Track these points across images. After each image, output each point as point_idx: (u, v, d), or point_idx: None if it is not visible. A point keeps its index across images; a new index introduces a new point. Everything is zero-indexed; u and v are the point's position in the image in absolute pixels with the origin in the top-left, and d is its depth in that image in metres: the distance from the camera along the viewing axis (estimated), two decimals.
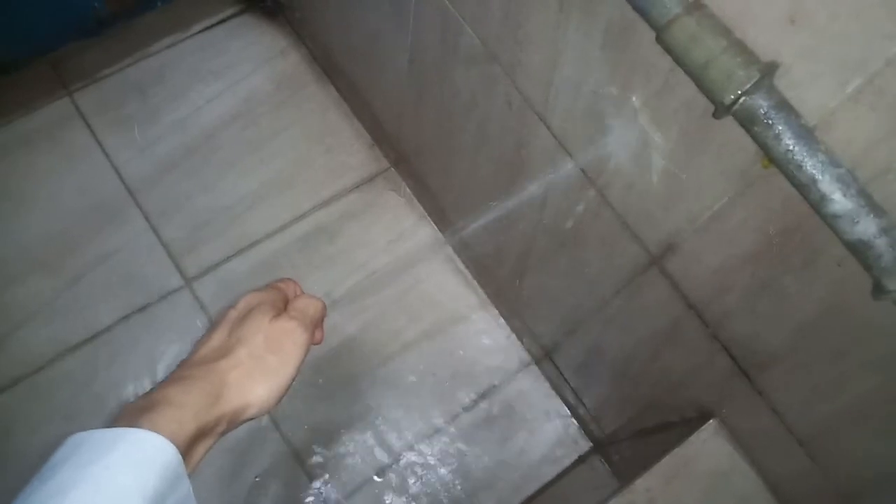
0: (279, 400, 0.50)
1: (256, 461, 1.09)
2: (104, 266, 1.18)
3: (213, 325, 0.52)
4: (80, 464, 0.38)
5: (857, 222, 0.45)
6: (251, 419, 0.49)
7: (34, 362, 1.12)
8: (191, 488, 0.42)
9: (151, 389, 0.46)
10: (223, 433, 0.47)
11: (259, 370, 0.48)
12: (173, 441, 0.41)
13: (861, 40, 0.43)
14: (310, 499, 1.08)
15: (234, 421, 0.47)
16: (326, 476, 1.10)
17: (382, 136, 1.28)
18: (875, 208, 0.45)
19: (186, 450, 0.42)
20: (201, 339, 0.52)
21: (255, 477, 1.08)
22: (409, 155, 1.21)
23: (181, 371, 0.47)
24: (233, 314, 0.52)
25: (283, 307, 0.53)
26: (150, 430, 0.40)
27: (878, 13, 0.41)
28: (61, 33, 1.29)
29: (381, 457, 1.12)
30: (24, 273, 1.17)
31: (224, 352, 0.48)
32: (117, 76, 1.32)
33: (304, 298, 0.55)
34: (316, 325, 0.54)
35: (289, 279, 0.58)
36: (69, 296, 1.16)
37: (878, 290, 0.46)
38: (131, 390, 1.12)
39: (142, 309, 1.16)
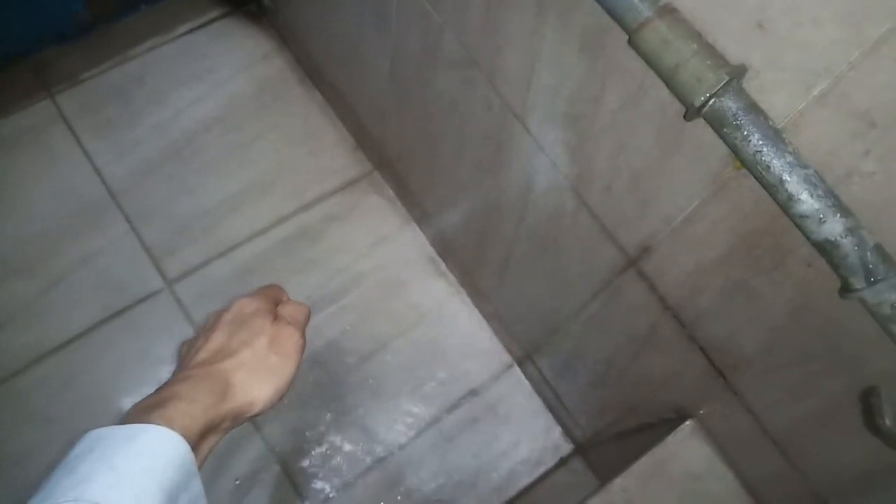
0: (281, 398, 0.52)
1: (237, 465, 1.08)
2: (84, 268, 1.18)
3: (207, 328, 0.53)
4: (102, 457, 0.40)
5: (824, 222, 0.46)
6: (254, 416, 0.50)
7: (13, 365, 1.11)
8: (201, 486, 0.43)
9: (158, 389, 0.47)
10: (227, 430, 0.48)
11: (263, 370, 0.50)
12: (184, 436, 0.42)
13: (824, 46, 0.44)
14: (292, 501, 1.08)
15: (238, 418, 0.49)
16: (308, 478, 1.09)
17: (365, 140, 1.29)
18: (841, 208, 0.46)
19: (195, 445, 0.43)
20: (194, 342, 0.53)
21: (236, 480, 1.08)
22: (392, 158, 1.22)
23: (185, 372, 0.49)
24: (227, 317, 0.53)
25: (275, 312, 0.55)
26: (163, 425, 0.41)
27: (835, 22, 0.42)
28: (42, 36, 1.28)
29: (363, 459, 1.11)
30: (2, 276, 1.15)
31: (227, 353, 0.50)
32: (99, 79, 1.31)
33: (293, 304, 0.57)
34: (305, 326, 0.56)
35: (276, 285, 0.59)
36: (49, 298, 1.15)
37: (845, 289, 0.47)
38: (111, 394, 1.11)
39: (122, 311, 1.16)
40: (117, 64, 1.32)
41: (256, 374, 0.49)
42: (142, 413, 0.43)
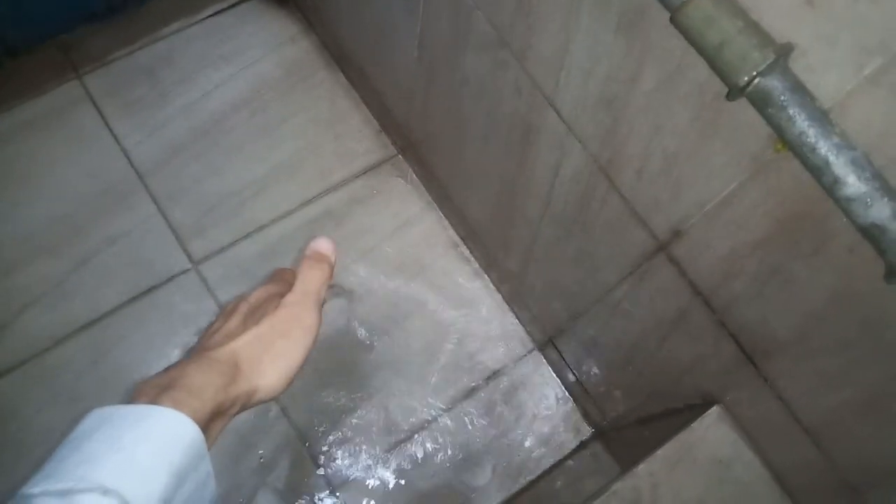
0: (289, 383, 0.51)
1: (261, 442, 1.10)
2: (112, 249, 1.19)
3: (226, 313, 0.53)
4: (108, 436, 0.39)
5: (871, 206, 0.44)
6: (263, 402, 0.50)
7: (41, 344, 1.12)
8: (211, 467, 0.42)
9: (167, 368, 0.46)
10: (235, 415, 0.48)
11: (269, 354, 0.49)
12: (194, 419, 0.41)
13: (879, 23, 0.43)
14: (314, 479, 1.09)
15: (246, 403, 0.48)
16: (330, 457, 1.10)
17: (390, 123, 1.28)
18: (889, 192, 0.44)
19: (204, 428, 0.43)
20: (212, 326, 0.53)
21: (260, 458, 1.09)
22: (417, 142, 1.22)
23: (196, 354, 0.48)
24: (244, 307, 0.53)
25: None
26: (172, 407, 0.41)
27: None
28: (71, 17, 1.29)
29: (385, 440, 1.12)
30: (31, 255, 1.17)
31: (236, 336, 0.50)
32: (127, 60, 1.32)
33: (304, 275, 0.53)
34: (321, 296, 0.54)
35: (288, 269, 0.58)
36: (76, 278, 1.17)
37: (892, 274, 0.46)
38: (137, 372, 1.12)
39: (148, 291, 1.17)
40: (145, 45, 1.32)
41: (262, 358, 0.49)
42: (150, 393, 0.43)
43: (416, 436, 1.13)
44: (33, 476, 0.38)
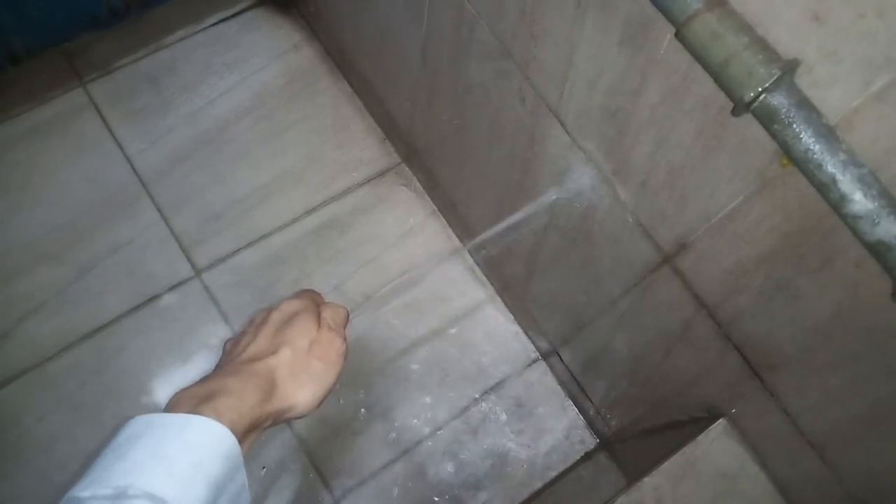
0: (320, 404, 0.51)
1: (264, 453, 1.09)
2: (115, 256, 1.19)
3: (256, 325, 0.53)
4: (151, 444, 0.40)
5: (878, 223, 0.44)
6: (293, 419, 0.51)
7: (43, 352, 1.12)
8: (246, 479, 0.43)
9: (205, 378, 0.47)
10: (266, 429, 0.48)
11: (305, 373, 0.50)
12: (232, 431, 0.42)
13: (885, 39, 0.42)
14: (317, 490, 1.09)
15: (277, 419, 0.49)
16: (334, 467, 1.10)
17: (394, 131, 1.28)
18: None
19: (240, 441, 0.43)
20: (241, 337, 0.53)
21: (263, 468, 1.08)
22: (421, 150, 1.21)
23: (234, 365, 0.49)
24: (277, 316, 0.53)
25: (319, 314, 0.55)
26: (213, 419, 0.42)
27: None
28: (75, 24, 1.29)
29: (388, 451, 1.12)
30: (34, 263, 1.17)
31: (271, 350, 0.50)
32: (130, 68, 1.32)
33: (332, 307, 0.57)
34: (347, 327, 0.57)
35: (313, 290, 0.60)
36: (79, 286, 1.16)
37: None
38: (140, 381, 1.12)
39: (152, 299, 1.17)
40: (149, 53, 1.32)
41: (298, 376, 0.50)
42: (190, 403, 0.43)
43: (419, 446, 1.12)
44: (80, 480, 0.39)
